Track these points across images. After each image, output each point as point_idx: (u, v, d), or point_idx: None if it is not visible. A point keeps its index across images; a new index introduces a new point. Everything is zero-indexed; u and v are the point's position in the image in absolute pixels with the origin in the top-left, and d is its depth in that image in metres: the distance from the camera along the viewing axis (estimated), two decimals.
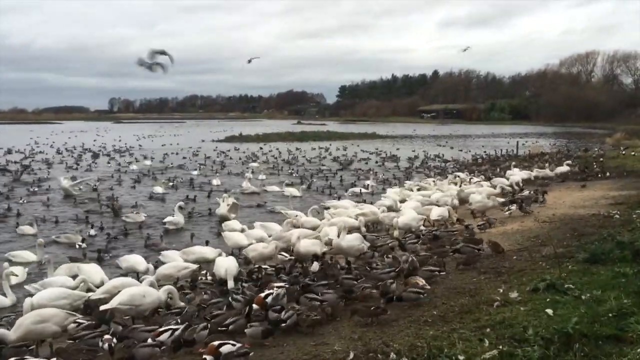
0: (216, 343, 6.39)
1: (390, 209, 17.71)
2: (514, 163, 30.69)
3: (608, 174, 26.12)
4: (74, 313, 8.38)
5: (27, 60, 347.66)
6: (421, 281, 8.71)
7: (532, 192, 19.47)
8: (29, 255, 13.93)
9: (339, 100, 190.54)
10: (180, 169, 35.85)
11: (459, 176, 25.41)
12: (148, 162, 38.82)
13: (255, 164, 37.91)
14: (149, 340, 6.89)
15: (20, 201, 22.38)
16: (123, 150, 51.10)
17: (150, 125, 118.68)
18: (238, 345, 6.40)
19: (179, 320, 7.80)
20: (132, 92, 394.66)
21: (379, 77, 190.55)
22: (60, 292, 9.58)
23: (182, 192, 25.66)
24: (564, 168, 27.57)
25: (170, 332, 7.06)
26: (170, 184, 27.64)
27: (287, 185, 25.82)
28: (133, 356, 6.37)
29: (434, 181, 24.72)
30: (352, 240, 12.14)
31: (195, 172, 32.64)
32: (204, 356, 6.25)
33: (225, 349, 6.28)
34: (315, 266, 10.48)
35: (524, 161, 35.82)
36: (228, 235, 14.66)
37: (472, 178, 25.36)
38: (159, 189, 24.69)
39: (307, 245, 12.43)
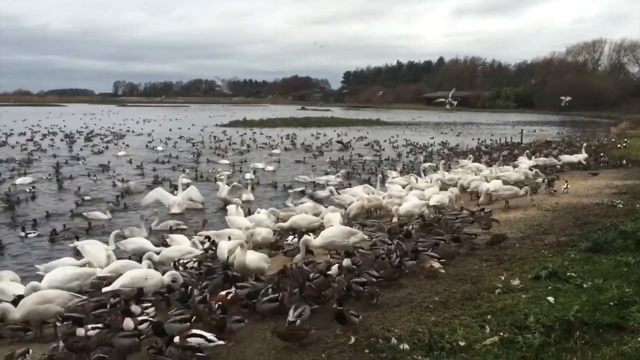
0: (189, 332, 6.32)
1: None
2: (527, 151, 30.56)
3: (624, 162, 25.94)
4: (78, 295, 8.41)
5: (37, 43, 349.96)
6: (436, 264, 8.77)
7: (545, 180, 19.44)
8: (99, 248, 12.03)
9: (344, 86, 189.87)
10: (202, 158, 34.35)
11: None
12: (160, 148, 38.11)
13: (277, 151, 37.68)
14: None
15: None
16: (129, 133, 50.92)
17: (154, 108, 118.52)
18: (215, 342, 6.21)
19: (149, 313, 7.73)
20: (136, 75, 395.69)
21: (384, 64, 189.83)
22: (72, 273, 9.59)
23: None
24: (582, 155, 27.20)
25: (149, 322, 7.01)
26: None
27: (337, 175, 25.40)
28: (112, 346, 6.30)
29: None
30: (254, 261, 9.89)
31: (225, 161, 31.43)
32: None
33: (194, 340, 6.20)
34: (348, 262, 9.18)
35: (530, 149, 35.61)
36: (231, 220, 14.69)
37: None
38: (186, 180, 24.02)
39: (256, 259, 9.97)
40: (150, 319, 7.20)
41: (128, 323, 6.77)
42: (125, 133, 52.38)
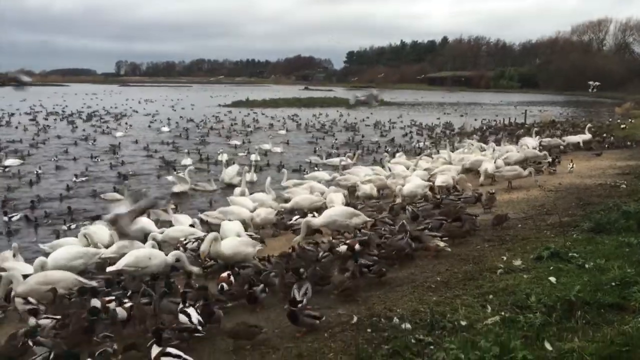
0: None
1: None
2: (535, 129, 30.51)
3: (628, 143, 25.85)
4: (83, 280, 8.43)
5: (40, 22, 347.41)
6: (441, 243, 8.81)
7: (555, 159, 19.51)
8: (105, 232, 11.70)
9: (347, 66, 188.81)
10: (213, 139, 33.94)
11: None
12: (165, 129, 37.77)
13: (282, 132, 37.48)
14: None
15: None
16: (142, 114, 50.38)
17: (156, 88, 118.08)
18: (195, 326, 6.22)
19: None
20: (139, 55, 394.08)
21: (388, 44, 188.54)
22: (77, 252, 9.65)
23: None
24: (585, 136, 27.06)
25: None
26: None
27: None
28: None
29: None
30: (232, 247, 9.37)
31: (237, 142, 31.35)
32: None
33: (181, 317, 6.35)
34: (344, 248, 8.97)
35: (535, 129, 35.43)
36: (234, 200, 14.71)
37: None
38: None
39: (235, 245, 9.45)
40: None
41: (122, 312, 6.67)
42: (132, 113, 52.13)
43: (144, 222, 12.68)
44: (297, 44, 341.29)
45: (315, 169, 22.35)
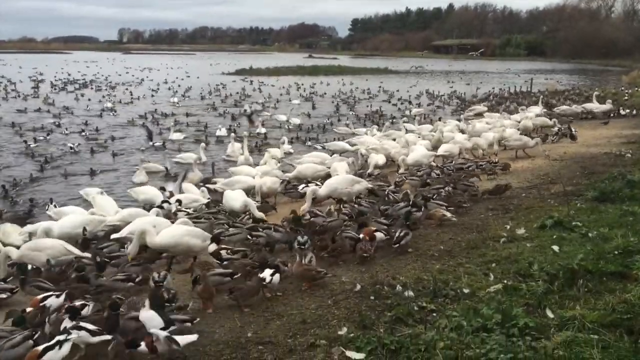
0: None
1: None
2: (542, 97, 30.28)
3: (634, 112, 25.65)
4: (71, 248, 8.42)
5: None
6: (447, 213, 8.84)
7: (561, 129, 19.40)
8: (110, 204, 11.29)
9: (351, 34, 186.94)
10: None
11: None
12: (175, 100, 36.74)
13: (296, 101, 36.95)
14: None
15: None
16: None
17: (159, 56, 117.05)
18: None
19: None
20: (142, 22, 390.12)
21: (393, 11, 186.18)
22: (82, 220, 9.69)
23: None
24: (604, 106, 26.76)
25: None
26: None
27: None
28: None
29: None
30: (173, 237, 7.73)
31: (266, 113, 29.74)
32: None
33: None
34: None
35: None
36: (235, 170, 14.71)
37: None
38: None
39: (177, 235, 7.76)
40: None
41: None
42: (141, 82, 51.68)
43: (152, 192, 12.74)
44: (302, 11, 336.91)
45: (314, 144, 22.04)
